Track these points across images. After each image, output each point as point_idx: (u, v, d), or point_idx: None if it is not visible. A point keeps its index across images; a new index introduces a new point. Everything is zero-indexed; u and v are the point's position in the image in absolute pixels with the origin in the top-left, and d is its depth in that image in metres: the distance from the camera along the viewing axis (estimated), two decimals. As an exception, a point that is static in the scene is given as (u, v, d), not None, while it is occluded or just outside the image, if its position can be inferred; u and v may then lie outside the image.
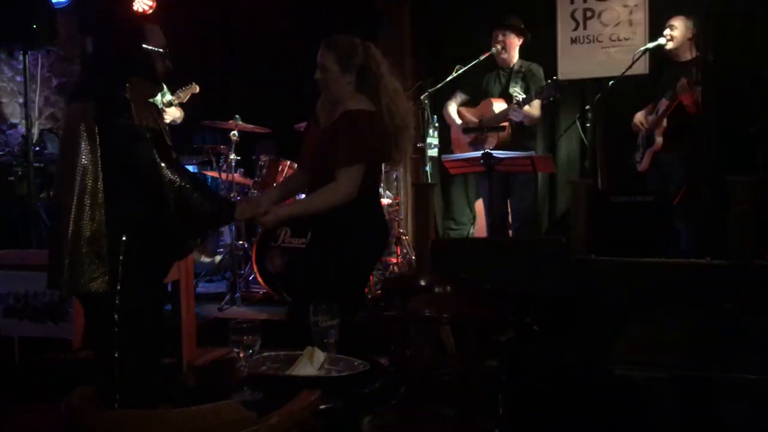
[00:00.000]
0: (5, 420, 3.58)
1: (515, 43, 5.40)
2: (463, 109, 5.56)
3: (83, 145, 2.66)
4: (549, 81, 5.09)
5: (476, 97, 5.55)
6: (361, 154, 2.98)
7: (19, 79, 6.74)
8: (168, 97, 5.77)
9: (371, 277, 5.23)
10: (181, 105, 5.93)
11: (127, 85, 2.74)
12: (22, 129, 6.68)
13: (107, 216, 2.67)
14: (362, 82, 3.06)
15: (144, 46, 2.80)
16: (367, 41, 3.12)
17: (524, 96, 5.17)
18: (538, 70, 5.37)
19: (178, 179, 2.69)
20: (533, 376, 3.39)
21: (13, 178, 5.95)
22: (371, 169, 3.10)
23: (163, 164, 2.67)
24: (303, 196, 3.50)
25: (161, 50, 2.84)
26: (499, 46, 5.34)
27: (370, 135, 2.99)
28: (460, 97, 5.57)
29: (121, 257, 2.68)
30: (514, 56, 5.42)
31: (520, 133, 5.30)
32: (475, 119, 5.46)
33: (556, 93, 5.08)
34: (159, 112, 2.98)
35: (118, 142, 2.68)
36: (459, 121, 5.50)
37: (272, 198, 3.29)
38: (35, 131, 6.20)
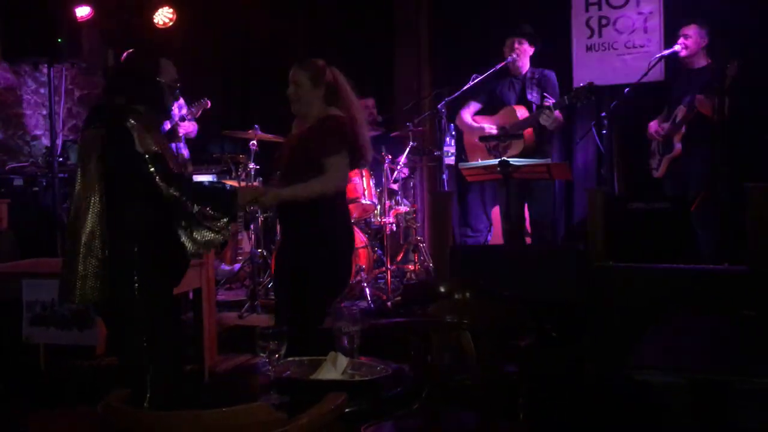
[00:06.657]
0: (31, 425, 3.65)
1: (528, 50, 5.46)
2: (479, 117, 5.58)
3: (93, 172, 2.87)
4: (584, 85, 5.08)
5: (488, 105, 5.58)
6: (345, 145, 3.30)
7: (42, 91, 6.87)
8: (183, 111, 5.90)
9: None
10: (194, 119, 6.08)
11: (137, 108, 2.91)
12: (45, 140, 6.80)
13: (117, 230, 2.85)
14: (330, 98, 3.39)
15: (157, 79, 3.00)
16: (332, 66, 3.43)
17: (554, 101, 5.16)
18: (552, 76, 5.41)
19: (178, 194, 2.86)
20: (552, 381, 3.42)
21: (37, 188, 6.06)
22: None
23: (162, 183, 2.84)
24: None
25: (172, 84, 3.06)
26: (515, 54, 5.39)
27: (349, 134, 3.32)
28: (473, 105, 5.60)
29: (134, 268, 2.82)
30: (527, 64, 5.47)
31: (538, 139, 5.34)
32: (494, 127, 5.48)
33: (592, 96, 5.07)
34: (162, 135, 3.22)
35: (123, 166, 2.86)
36: (477, 127, 5.52)
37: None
38: (59, 142, 6.30)
